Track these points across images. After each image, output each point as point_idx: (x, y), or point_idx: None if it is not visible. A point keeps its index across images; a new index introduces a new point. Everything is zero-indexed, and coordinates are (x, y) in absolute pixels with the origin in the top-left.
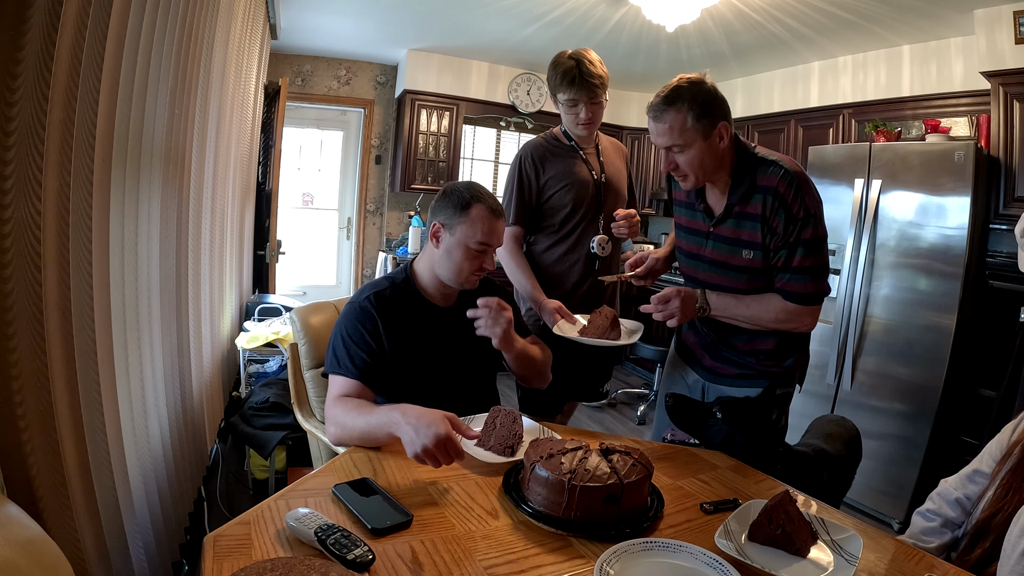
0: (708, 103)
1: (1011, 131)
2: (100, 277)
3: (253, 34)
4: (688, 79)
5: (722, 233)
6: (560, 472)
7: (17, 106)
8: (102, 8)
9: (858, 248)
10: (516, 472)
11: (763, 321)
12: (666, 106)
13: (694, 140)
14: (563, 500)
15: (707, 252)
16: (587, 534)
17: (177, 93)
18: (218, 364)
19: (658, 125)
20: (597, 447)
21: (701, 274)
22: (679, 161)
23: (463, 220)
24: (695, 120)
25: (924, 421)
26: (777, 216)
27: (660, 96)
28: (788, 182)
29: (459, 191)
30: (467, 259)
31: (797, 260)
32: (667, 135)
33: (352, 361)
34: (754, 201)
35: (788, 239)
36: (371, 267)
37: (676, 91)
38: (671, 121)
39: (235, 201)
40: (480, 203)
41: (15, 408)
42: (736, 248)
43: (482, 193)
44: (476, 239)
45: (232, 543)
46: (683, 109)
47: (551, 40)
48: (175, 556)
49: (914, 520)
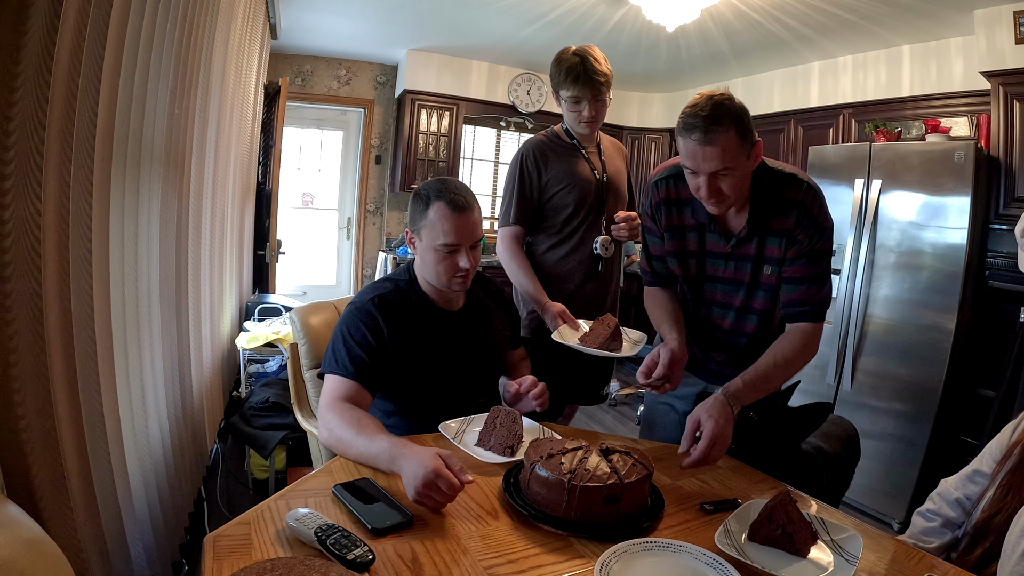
0: (747, 120)
1: (1011, 131)
2: (100, 277)
3: (253, 34)
4: (723, 95)
5: (744, 252)
6: (560, 472)
7: (17, 106)
8: (102, 8)
9: (858, 248)
10: (516, 472)
11: (796, 365)
12: (714, 126)
13: (741, 162)
14: (563, 500)
15: (728, 273)
16: (587, 534)
17: (177, 93)
18: (218, 364)
19: (707, 148)
20: (597, 447)
21: (720, 296)
22: (724, 187)
23: (424, 222)
24: (741, 140)
25: (924, 421)
26: (802, 228)
27: (701, 116)
28: (812, 194)
29: (421, 192)
30: (438, 262)
31: (821, 267)
32: (718, 159)
33: (351, 361)
34: (781, 216)
35: (813, 246)
36: (371, 267)
37: (720, 107)
38: (723, 142)
39: (235, 201)
40: (438, 201)
41: (15, 408)
42: (759, 266)
43: (444, 188)
44: (440, 240)
45: (232, 543)
46: (731, 128)
47: (551, 40)
48: (175, 556)
49: (914, 520)
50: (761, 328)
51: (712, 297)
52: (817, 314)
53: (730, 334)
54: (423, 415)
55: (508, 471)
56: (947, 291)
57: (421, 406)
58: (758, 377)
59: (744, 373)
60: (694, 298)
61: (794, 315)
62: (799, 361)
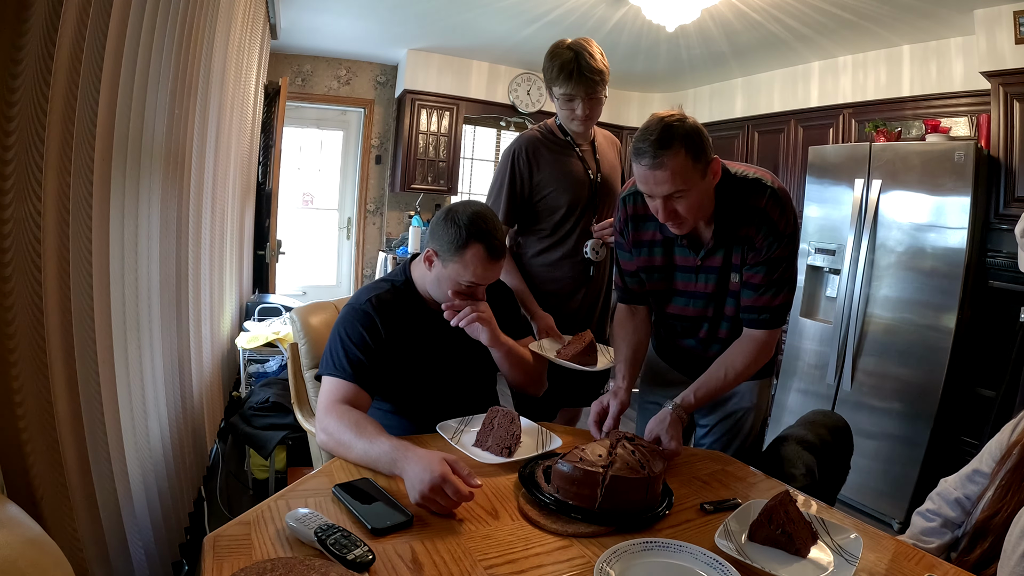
0: (700, 140)
1: (1011, 131)
2: (100, 277)
3: (253, 34)
4: (674, 116)
5: (712, 263)
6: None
7: (17, 106)
8: (102, 8)
9: (858, 248)
10: (531, 473)
11: (747, 373)
12: (662, 150)
13: (695, 183)
14: (597, 492)
15: (699, 287)
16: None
17: (177, 93)
18: (218, 364)
19: (657, 172)
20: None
21: (692, 311)
22: (680, 208)
23: (457, 259)
24: (694, 161)
25: (924, 421)
26: (762, 235)
27: (649, 140)
28: (775, 200)
29: (460, 225)
30: (452, 288)
31: (778, 273)
32: (669, 182)
33: (349, 363)
34: (746, 224)
35: (771, 254)
36: (371, 267)
37: (668, 130)
38: (672, 166)
39: (235, 201)
40: (478, 244)
41: (15, 408)
42: (726, 275)
43: (483, 231)
44: (467, 279)
45: (232, 543)
46: (680, 151)
47: (551, 40)
48: (175, 556)
49: (914, 520)
50: (731, 335)
51: (682, 312)
52: (773, 321)
53: (703, 342)
54: (420, 415)
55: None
56: (947, 291)
57: (418, 406)
58: (709, 393)
59: (696, 387)
60: (662, 313)
61: (750, 321)
62: (751, 370)
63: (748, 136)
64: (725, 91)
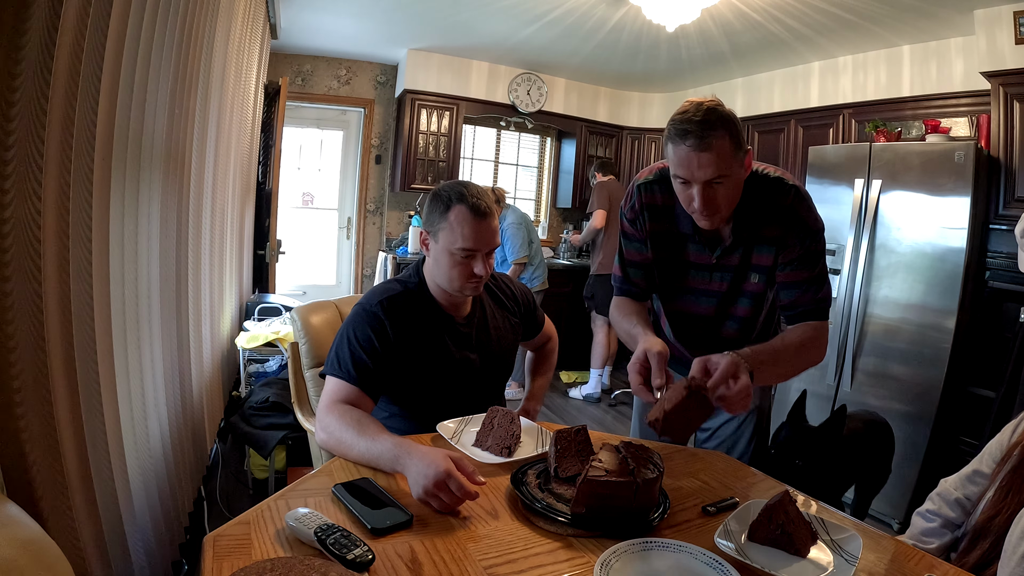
0: (739, 128)
1: (1011, 131)
2: (100, 277)
3: (253, 34)
4: (714, 101)
5: (729, 262)
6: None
7: (17, 106)
8: (102, 8)
9: (858, 248)
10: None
11: (805, 351)
12: (709, 131)
13: (734, 170)
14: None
15: (712, 285)
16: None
17: (177, 93)
18: (218, 364)
19: (703, 155)
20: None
21: (703, 309)
22: (718, 196)
23: (443, 225)
24: (735, 147)
25: (924, 421)
26: (793, 233)
27: (695, 121)
28: (800, 198)
29: (441, 193)
30: (453, 266)
31: (817, 270)
32: (713, 165)
33: (354, 365)
34: (770, 223)
35: (808, 250)
36: (371, 267)
37: (713, 113)
38: (718, 148)
39: (235, 201)
40: (461, 203)
41: (15, 408)
42: (744, 275)
43: (466, 192)
44: (458, 244)
45: (232, 543)
46: (725, 135)
47: (551, 40)
48: (175, 556)
49: (914, 520)
50: (742, 334)
51: (689, 309)
52: (820, 313)
53: (711, 342)
54: (423, 416)
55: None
56: (947, 291)
57: (422, 408)
58: (764, 348)
59: (750, 347)
60: (671, 310)
61: (797, 316)
62: (808, 348)
63: (748, 136)
64: (725, 91)
